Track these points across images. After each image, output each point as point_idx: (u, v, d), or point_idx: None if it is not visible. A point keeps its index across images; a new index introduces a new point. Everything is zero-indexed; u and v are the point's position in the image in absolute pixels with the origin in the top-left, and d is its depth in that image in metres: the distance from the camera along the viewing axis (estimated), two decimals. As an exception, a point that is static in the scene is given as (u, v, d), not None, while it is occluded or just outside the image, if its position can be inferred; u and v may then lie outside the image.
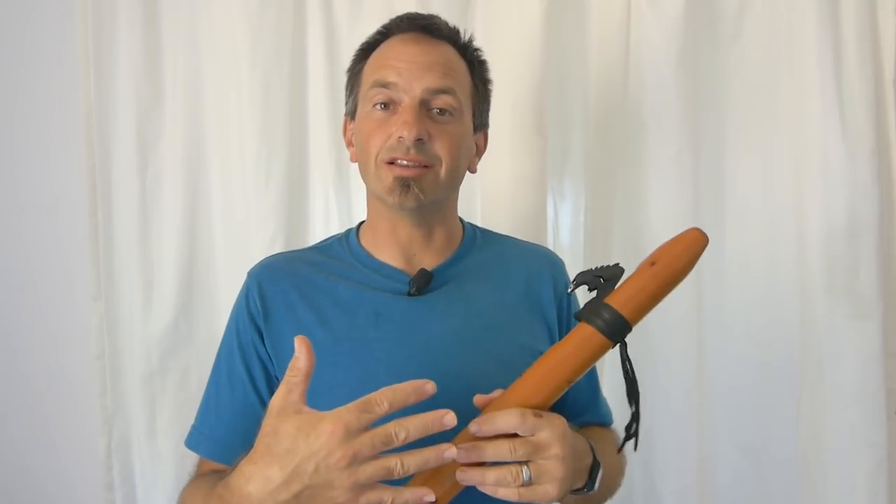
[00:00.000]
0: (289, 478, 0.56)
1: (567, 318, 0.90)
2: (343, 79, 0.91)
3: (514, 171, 1.24)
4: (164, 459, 1.33)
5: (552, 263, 0.93)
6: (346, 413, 0.56)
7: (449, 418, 0.57)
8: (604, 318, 0.65)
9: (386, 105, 0.80)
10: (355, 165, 1.34)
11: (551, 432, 0.63)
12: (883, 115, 1.25)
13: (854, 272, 1.23)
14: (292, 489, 0.56)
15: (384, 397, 0.58)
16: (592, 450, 0.73)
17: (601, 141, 1.28)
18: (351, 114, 0.88)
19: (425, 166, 0.79)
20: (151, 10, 1.30)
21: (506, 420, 0.63)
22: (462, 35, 0.86)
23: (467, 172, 0.88)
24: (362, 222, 0.91)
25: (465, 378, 0.77)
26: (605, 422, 0.94)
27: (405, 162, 0.78)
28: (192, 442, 0.84)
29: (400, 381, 0.75)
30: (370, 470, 0.56)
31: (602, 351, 0.66)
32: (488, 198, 1.26)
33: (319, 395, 0.76)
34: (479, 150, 0.91)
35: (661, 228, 1.26)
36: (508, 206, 1.25)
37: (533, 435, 0.63)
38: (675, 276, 0.66)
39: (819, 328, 1.25)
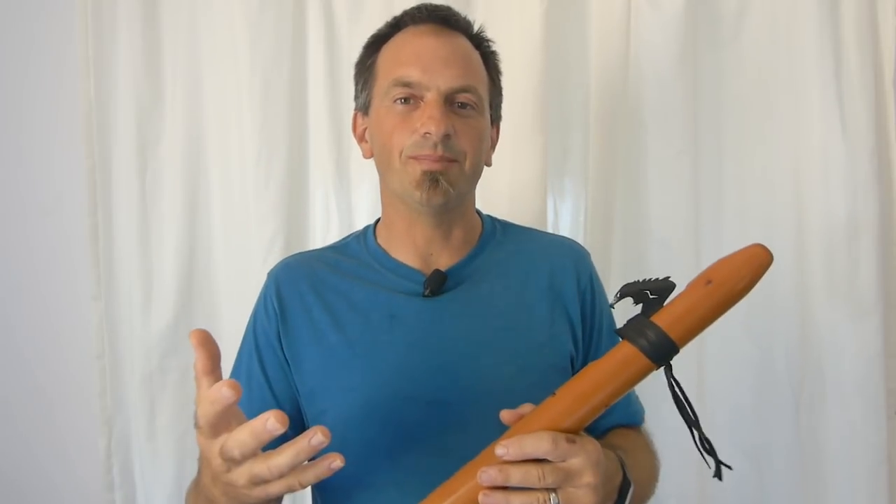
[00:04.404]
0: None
1: (591, 313, 0.86)
2: (343, 78, 0.89)
3: (515, 171, 1.24)
4: (164, 459, 1.33)
5: (576, 255, 0.89)
6: (214, 458, 0.58)
7: (271, 423, 0.52)
8: (648, 338, 0.60)
9: (407, 100, 0.78)
10: (355, 165, 1.34)
11: (585, 459, 0.59)
12: (883, 115, 1.24)
13: (854, 272, 1.23)
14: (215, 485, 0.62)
15: (233, 445, 0.56)
16: (623, 466, 0.69)
17: (601, 141, 1.28)
18: (364, 108, 0.85)
19: (451, 161, 0.77)
20: (151, 10, 1.30)
21: (535, 444, 0.58)
22: (473, 26, 0.84)
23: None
24: (379, 219, 0.89)
25: (482, 381, 0.76)
26: (634, 421, 0.88)
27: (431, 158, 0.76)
28: None
29: (412, 384, 0.76)
30: (244, 480, 0.57)
31: (644, 373, 0.61)
32: (488, 198, 1.26)
33: (334, 398, 0.78)
34: (493, 143, 0.89)
35: (662, 228, 1.26)
36: (508, 206, 1.24)
37: (564, 461, 0.59)
38: (731, 298, 0.60)
39: (819, 328, 1.25)
